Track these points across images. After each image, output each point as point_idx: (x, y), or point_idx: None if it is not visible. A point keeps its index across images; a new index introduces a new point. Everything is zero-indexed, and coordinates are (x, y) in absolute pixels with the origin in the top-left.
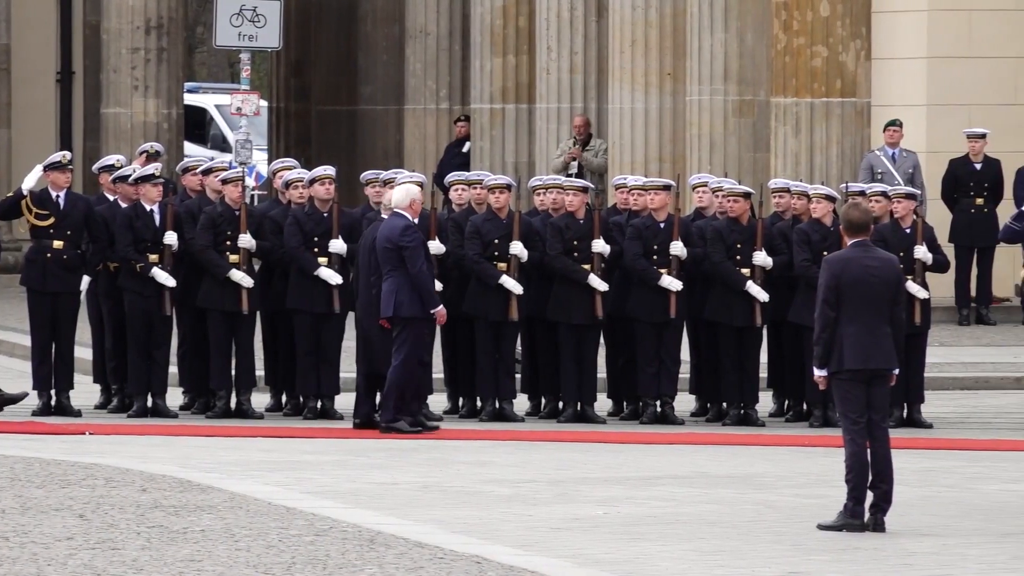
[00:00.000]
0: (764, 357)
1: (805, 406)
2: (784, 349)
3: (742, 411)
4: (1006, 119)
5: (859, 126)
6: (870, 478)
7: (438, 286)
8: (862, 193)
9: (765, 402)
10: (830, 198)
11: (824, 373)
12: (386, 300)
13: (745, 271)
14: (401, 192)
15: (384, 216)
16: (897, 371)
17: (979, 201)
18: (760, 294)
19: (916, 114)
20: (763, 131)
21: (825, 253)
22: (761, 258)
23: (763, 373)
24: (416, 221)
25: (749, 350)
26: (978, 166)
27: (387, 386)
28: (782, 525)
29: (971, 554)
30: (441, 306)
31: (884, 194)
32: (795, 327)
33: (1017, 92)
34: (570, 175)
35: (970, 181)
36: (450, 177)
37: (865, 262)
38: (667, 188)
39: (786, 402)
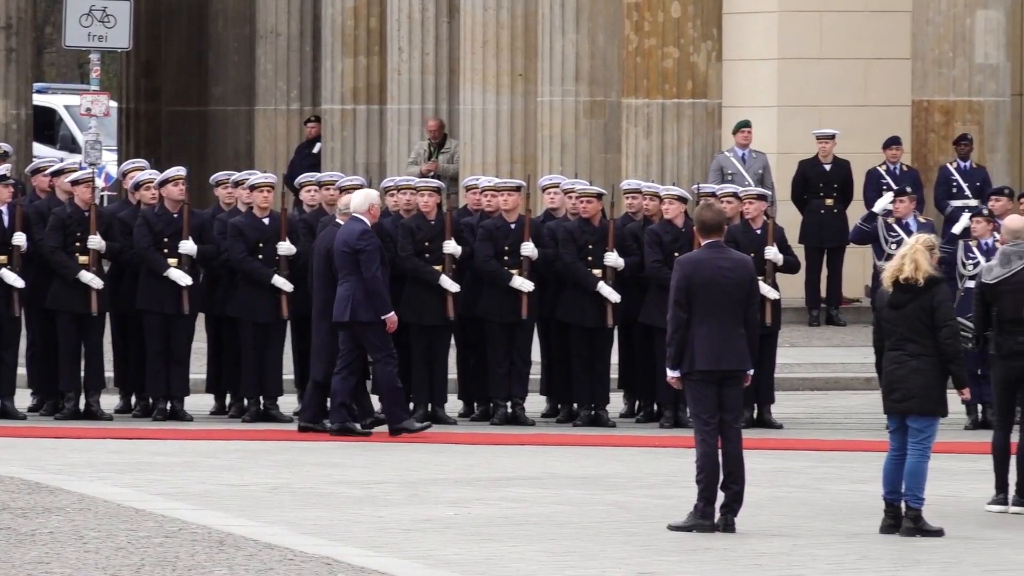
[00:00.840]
0: (615, 358)
1: (656, 407)
2: (635, 350)
3: (593, 412)
4: (856, 120)
5: (710, 127)
6: (721, 478)
7: (287, 287)
8: (713, 194)
9: (616, 403)
10: (682, 199)
11: (676, 374)
12: (340, 305)
13: (596, 272)
14: (360, 197)
15: (339, 221)
16: (752, 372)
17: (829, 202)
18: (611, 295)
19: (767, 115)
20: (614, 132)
21: (676, 254)
22: (612, 259)
23: (614, 374)
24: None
25: (600, 351)
26: (828, 167)
27: (382, 395)
28: (632, 526)
29: (820, 554)
30: (392, 312)
31: (735, 195)
32: (646, 328)
33: (867, 93)
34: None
35: (820, 182)
36: (301, 178)
37: (717, 263)
38: (518, 189)
39: (637, 403)
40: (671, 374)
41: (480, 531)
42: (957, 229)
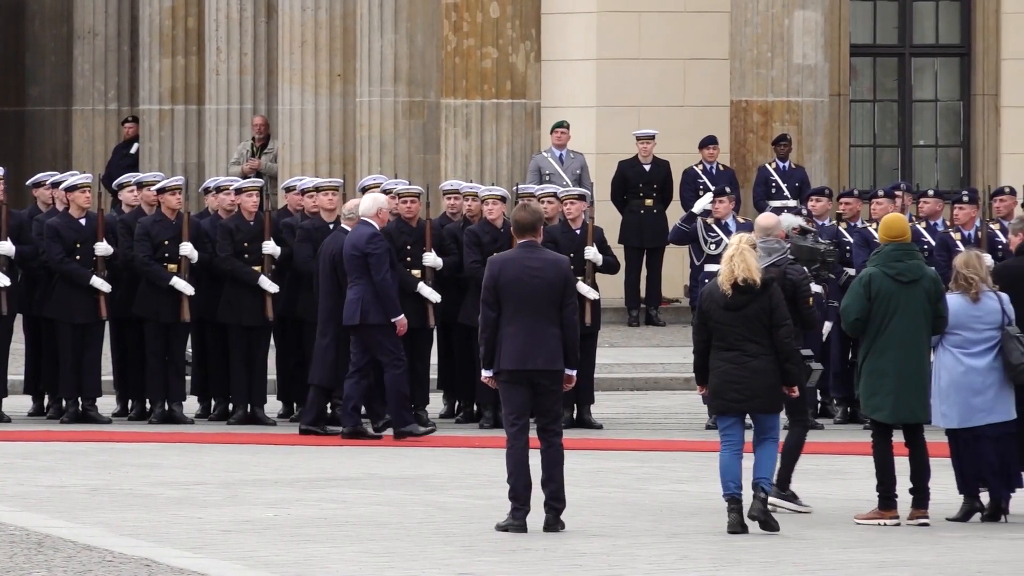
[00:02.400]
0: (434, 358)
1: (476, 407)
2: (454, 350)
3: (414, 412)
4: (675, 120)
5: (529, 127)
6: (541, 478)
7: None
8: (532, 195)
9: (436, 403)
10: (503, 199)
11: (489, 373)
12: (350, 308)
13: (416, 272)
14: (368, 201)
15: (345, 226)
16: (574, 372)
17: (648, 202)
18: (431, 295)
19: (586, 115)
20: (433, 132)
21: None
22: (431, 259)
23: (433, 374)
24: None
25: (420, 351)
26: (647, 167)
27: (388, 399)
28: (453, 526)
29: (641, 554)
30: (402, 315)
31: (555, 195)
32: (465, 328)
33: (686, 93)
34: (246, 177)
35: (639, 182)
36: (120, 179)
37: (527, 263)
38: (336, 189)
39: (456, 403)
40: (485, 374)
41: (299, 532)
42: (698, 208)
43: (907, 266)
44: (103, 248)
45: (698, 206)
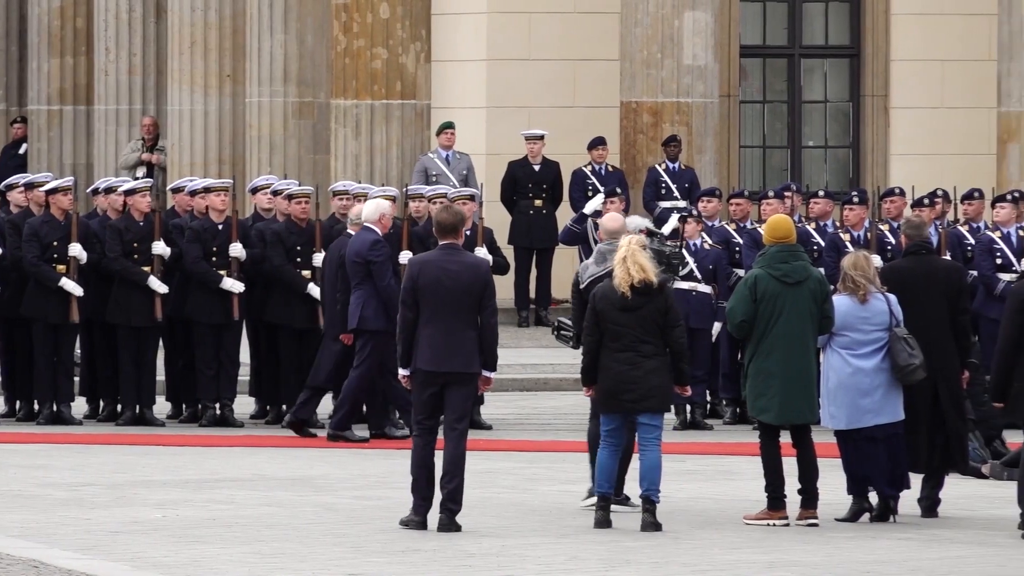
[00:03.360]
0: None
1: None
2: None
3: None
4: (565, 121)
5: (419, 128)
6: (439, 477)
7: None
8: (421, 195)
9: (326, 402)
10: (394, 199)
11: (406, 372)
12: (352, 313)
13: (306, 273)
14: (371, 206)
15: (351, 231)
16: (492, 375)
17: (538, 203)
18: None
19: (476, 116)
20: (323, 133)
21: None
22: (320, 260)
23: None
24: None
25: (310, 352)
26: (537, 168)
27: (342, 395)
28: (342, 527)
29: (530, 555)
30: None
31: (445, 196)
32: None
33: (576, 94)
34: (137, 177)
35: (529, 183)
36: (8, 180)
37: (445, 265)
38: (226, 189)
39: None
40: (401, 372)
41: (188, 533)
42: (666, 230)
43: (792, 267)
44: None
45: (589, 207)
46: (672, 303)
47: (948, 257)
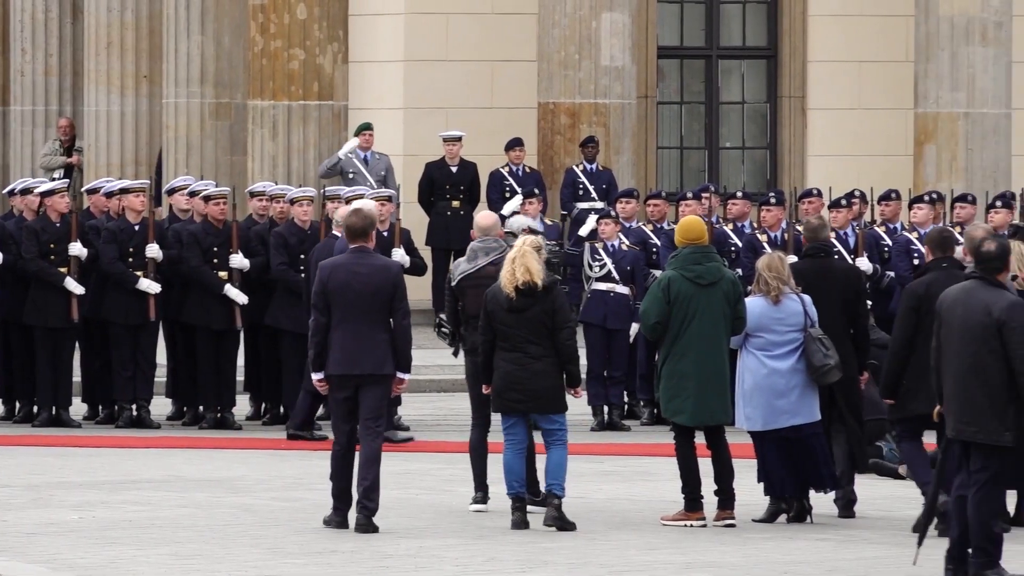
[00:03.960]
0: (241, 360)
1: (282, 409)
2: (261, 352)
3: (219, 414)
4: (483, 122)
5: (336, 129)
6: (355, 477)
7: None
8: (339, 196)
9: (242, 405)
10: (312, 201)
11: (319, 376)
12: None
13: (223, 274)
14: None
15: (336, 233)
16: (405, 376)
17: (455, 204)
18: (238, 297)
19: (393, 117)
20: (240, 134)
21: (303, 256)
22: (238, 260)
23: (240, 376)
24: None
25: (227, 353)
26: (454, 169)
27: (305, 393)
28: (259, 528)
29: (448, 556)
30: None
31: (362, 197)
32: (272, 330)
33: (494, 95)
34: (54, 178)
35: (446, 184)
36: None
37: (354, 268)
38: (143, 190)
39: (263, 405)
40: (315, 377)
41: (105, 534)
42: (584, 231)
43: (706, 268)
44: None
45: (507, 208)
46: (560, 305)
47: (865, 258)
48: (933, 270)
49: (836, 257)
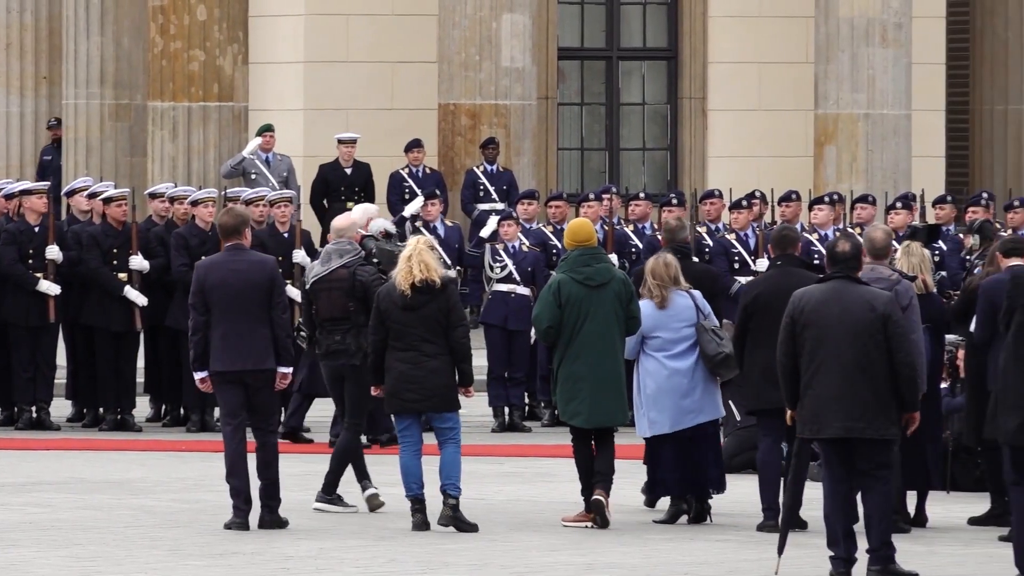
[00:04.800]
0: (141, 361)
1: (183, 411)
2: (161, 353)
3: (119, 416)
4: (383, 123)
5: (237, 130)
6: (257, 475)
7: None
8: (238, 198)
9: (142, 407)
10: (214, 203)
11: (203, 375)
12: None
13: (123, 276)
14: (359, 212)
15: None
16: (288, 370)
17: (351, 205)
18: (138, 298)
19: (293, 118)
20: (140, 135)
21: (204, 257)
22: (137, 262)
23: (140, 378)
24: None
25: (126, 354)
26: (349, 170)
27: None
28: (160, 530)
29: (348, 557)
30: None
31: (264, 198)
32: (172, 332)
33: (394, 96)
34: None
35: (341, 185)
36: None
37: (231, 265)
38: (46, 191)
39: (163, 407)
40: (198, 376)
41: (4, 537)
42: (485, 232)
43: (595, 270)
44: None
45: (409, 210)
46: (455, 303)
47: (766, 259)
48: (771, 268)
49: (697, 260)
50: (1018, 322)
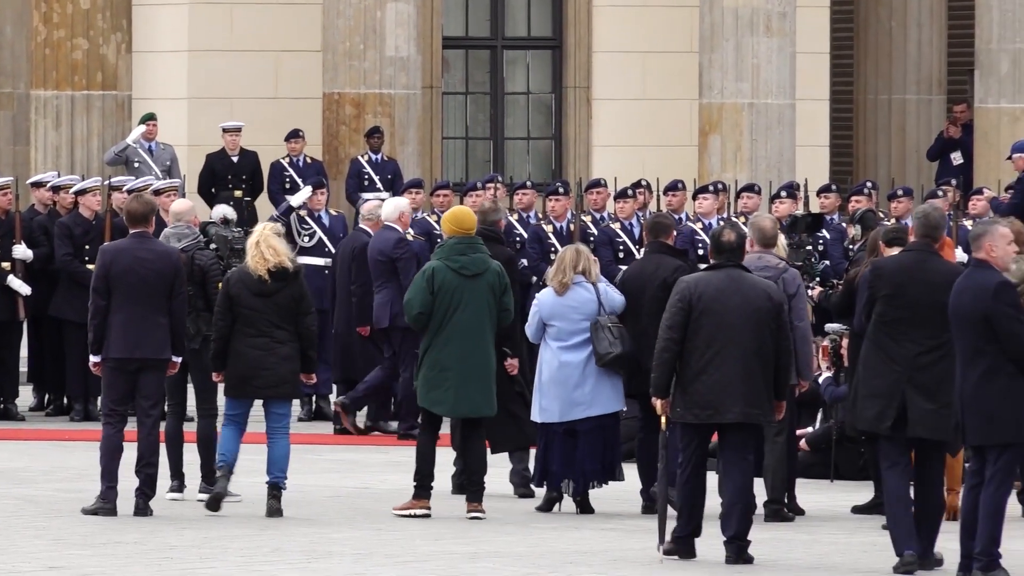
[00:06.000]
0: (25, 351)
1: (66, 400)
2: (45, 343)
3: (2, 405)
4: (268, 112)
5: (120, 119)
6: (136, 461)
7: None
8: (122, 187)
9: (26, 396)
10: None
11: (97, 359)
12: (381, 311)
13: (5, 265)
14: (391, 206)
15: (364, 226)
16: (179, 360)
17: (238, 193)
18: (22, 288)
19: (177, 107)
20: (23, 124)
21: (87, 247)
22: (21, 251)
23: (24, 367)
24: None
25: (10, 344)
26: (235, 159)
27: (401, 396)
28: (43, 520)
29: (232, 547)
30: None
31: (175, 188)
32: (56, 321)
33: (278, 85)
34: None
35: (228, 174)
36: None
37: (137, 253)
38: None
39: (47, 396)
40: (92, 359)
41: None
42: (296, 201)
43: (471, 259)
44: None
45: (296, 199)
46: (305, 290)
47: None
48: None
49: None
50: (878, 312)
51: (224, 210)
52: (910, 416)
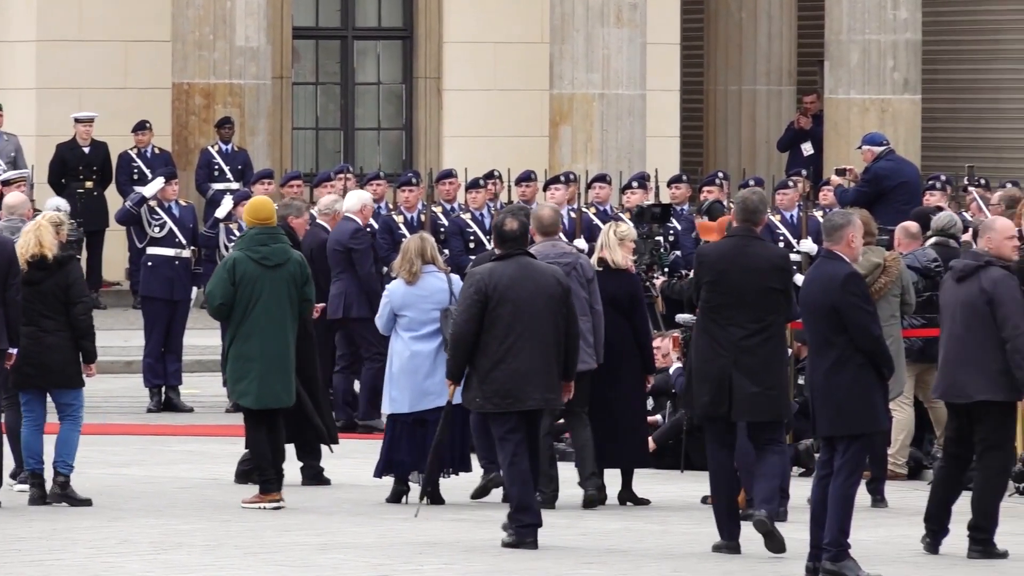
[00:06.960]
0: None
1: None
2: None
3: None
4: (117, 103)
5: None
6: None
7: None
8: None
9: None
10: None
11: None
12: (334, 302)
13: None
14: (353, 198)
15: (321, 221)
16: (14, 351)
17: (88, 184)
18: None
19: (26, 97)
20: None
21: None
22: None
23: None
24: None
25: None
26: (86, 150)
27: (365, 389)
28: None
29: (81, 539)
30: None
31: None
32: None
33: (127, 76)
34: None
35: (79, 165)
36: None
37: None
38: None
39: None
40: None
41: None
42: (221, 212)
43: (272, 250)
44: None
45: (149, 190)
46: (75, 279)
47: None
48: None
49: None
50: (703, 299)
51: (57, 202)
52: (734, 399)
